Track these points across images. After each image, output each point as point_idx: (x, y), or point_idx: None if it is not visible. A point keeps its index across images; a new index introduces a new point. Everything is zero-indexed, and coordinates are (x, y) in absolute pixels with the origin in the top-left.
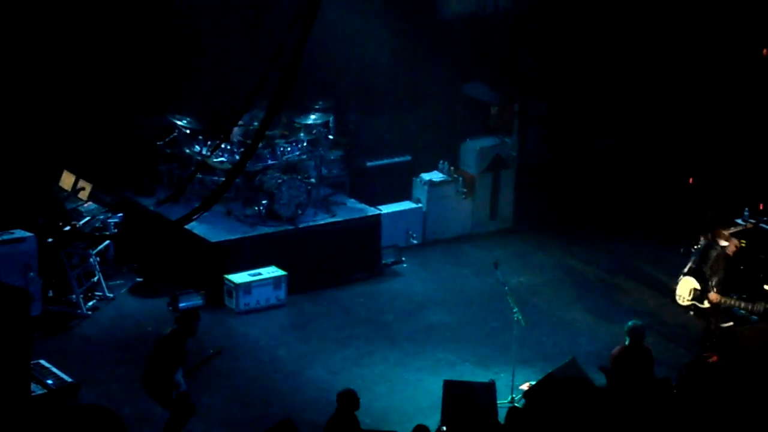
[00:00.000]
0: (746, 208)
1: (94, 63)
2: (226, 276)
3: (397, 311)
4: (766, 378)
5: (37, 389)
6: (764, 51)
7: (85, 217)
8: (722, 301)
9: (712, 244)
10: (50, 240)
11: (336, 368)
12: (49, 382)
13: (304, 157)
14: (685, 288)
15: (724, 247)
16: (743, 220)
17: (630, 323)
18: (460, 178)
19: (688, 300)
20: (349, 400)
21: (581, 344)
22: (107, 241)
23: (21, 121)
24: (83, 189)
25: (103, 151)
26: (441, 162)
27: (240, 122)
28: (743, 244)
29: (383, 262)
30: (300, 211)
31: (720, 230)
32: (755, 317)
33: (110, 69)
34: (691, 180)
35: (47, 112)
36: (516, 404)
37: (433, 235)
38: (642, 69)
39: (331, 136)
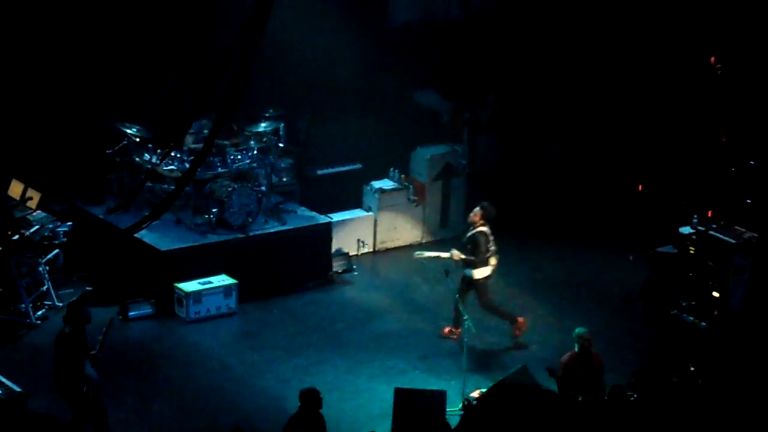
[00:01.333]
0: (695, 216)
1: (43, 70)
2: (177, 285)
3: (348, 319)
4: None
5: None
6: (712, 59)
7: (34, 225)
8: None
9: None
10: None
11: (287, 377)
12: None
13: (255, 165)
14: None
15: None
16: (692, 227)
17: (578, 330)
18: (411, 186)
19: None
20: (312, 398)
21: (532, 351)
22: (56, 250)
23: None
24: (31, 198)
25: (52, 160)
26: (391, 170)
27: (190, 130)
28: (692, 251)
29: (333, 270)
30: (250, 219)
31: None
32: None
33: (59, 76)
34: (640, 187)
35: None
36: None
37: (384, 243)
38: (592, 75)
39: (281, 144)
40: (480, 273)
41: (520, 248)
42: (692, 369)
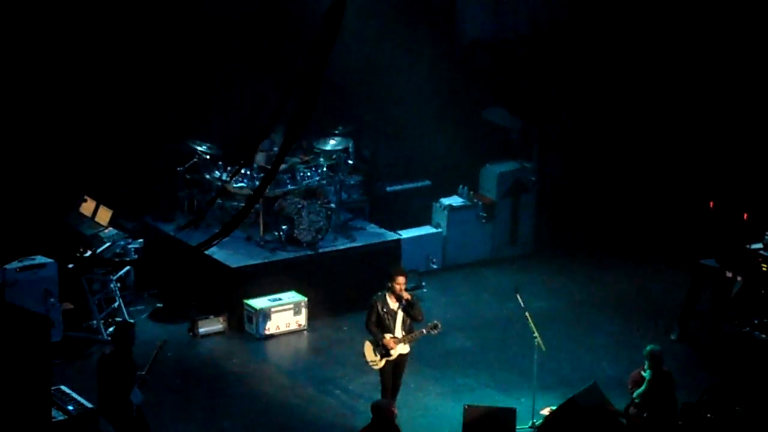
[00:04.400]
0: (767, 232)
1: (115, 90)
2: (246, 301)
3: None
4: None
5: (57, 415)
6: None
7: (105, 243)
8: (408, 339)
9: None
10: (71, 266)
11: (356, 393)
12: (70, 408)
13: (324, 182)
14: (369, 352)
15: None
16: (764, 244)
17: (648, 347)
18: (480, 203)
19: (380, 361)
20: (384, 410)
21: (602, 369)
22: (128, 267)
23: (42, 148)
24: (104, 215)
25: (123, 178)
26: (461, 186)
27: (260, 148)
28: (765, 268)
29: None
30: (320, 236)
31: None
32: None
33: (131, 96)
34: (711, 204)
35: (68, 138)
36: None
37: (453, 260)
38: (662, 89)
39: (350, 161)
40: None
41: (590, 265)
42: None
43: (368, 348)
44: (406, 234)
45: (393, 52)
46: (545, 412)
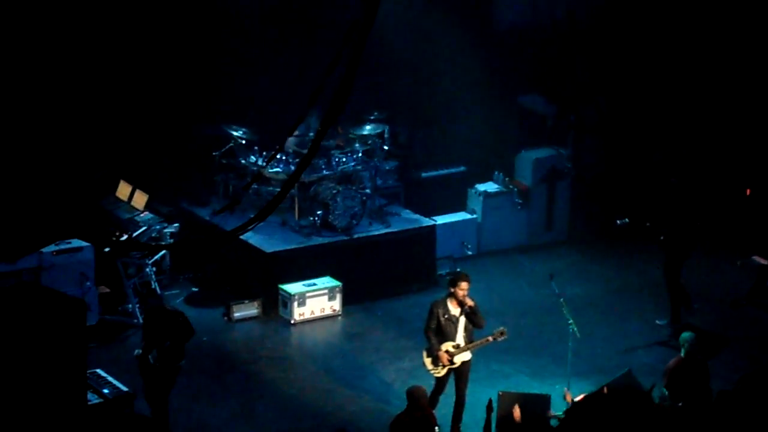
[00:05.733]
0: None
1: (151, 73)
2: (281, 286)
3: None
4: None
5: (93, 398)
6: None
7: (141, 227)
8: (471, 347)
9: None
10: (107, 250)
11: (391, 379)
12: (105, 391)
13: (359, 167)
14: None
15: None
16: None
17: (685, 334)
18: (516, 189)
19: (442, 370)
20: (419, 397)
21: (637, 356)
22: (163, 251)
23: (79, 132)
24: (140, 199)
25: (159, 162)
26: (496, 173)
27: (296, 133)
28: None
29: (438, 273)
30: (355, 222)
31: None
32: None
33: (166, 80)
34: (748, 192)
35: (106, 122)
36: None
37: (488, 247)
38: (700, 77)
39: (386, 147)
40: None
41: (625, 252)
42: None
43: (428, 356)
44: (441, 220)
45: (429, 38)
46: (579, 399)
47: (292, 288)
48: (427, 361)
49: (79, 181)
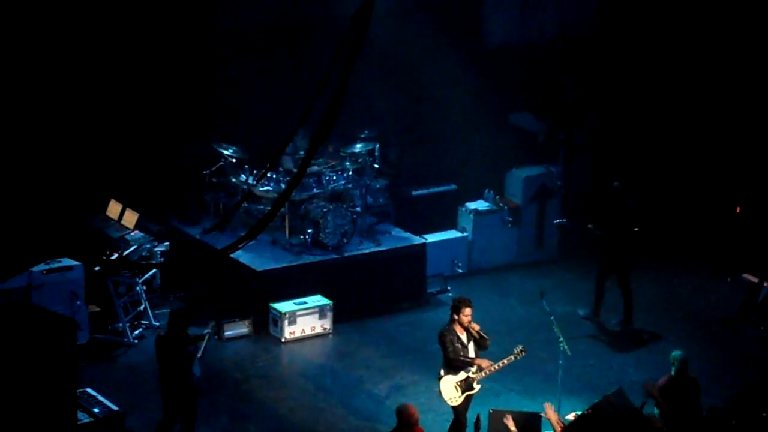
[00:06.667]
0: None
1: (141, 92)
2: (272, 304)
3: None
4: None
5: (83, 417)
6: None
7: (131, 245)
8: (491, 369)
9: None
10: (97, 269)
11: (382, 397)
12: (96, 410)
13: (350, 185)
14: (449, 388)
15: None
16: None
17: (675, 353)
18: (506, 207)
19: (460, 397)
20: (408, 415)
21: (628, 374)
22: (153, 270)
23: (68, 150)
24: (130, 218)
25: (149, 180)
26: (486, 191)
27: (286, 151)
28: None
29: (429, 291)
30: (345, 240)
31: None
32: None
33: (156, 98)
34: (738, 209)
35: (95, 141)
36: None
37: (479, 264)
38: (689, 94)
39: (376, 165)
40: None
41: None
42: None
43: (447, 384)
44: (431, 238)
45: (420, 56)
46: (571, 417)
47: (283, 306)
48: (446, 388)
49: (69, 199)
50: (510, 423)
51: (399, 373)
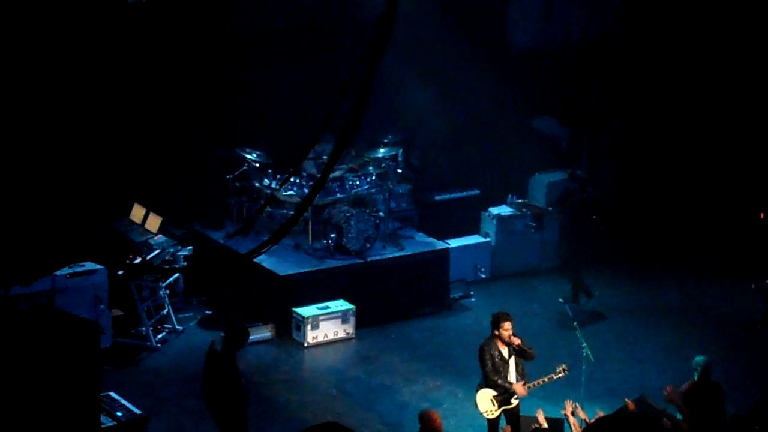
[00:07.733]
0: None
1: (165, 97)
2: (295, 309)
3: (465, 345)
4: None
5: (106, 421)
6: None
7: (155, 250)
8: (531, 386)
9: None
10: (121, 273)
11: (404, 402)
12: (119, 414)
13: (373, 190)
14: (485, 401)
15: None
16: None
17: (698, 358)
18: (529, 212)
19: (496, 411)
20: (431, 420)
21: (651, 380)
22: (177, 274)
23: (93, 155)
24: (154, 222)
25: (173, 185)
26: (510, 196)
27: (309, 156)
28: None
29: (451, 296)
30: (368, 245)
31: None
32: None
33: (180, 103)
34: (762, 215)
35: (119, 145)
36: None
37: (501, 270)
38: (713, 99)
39: (399, 170)
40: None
41: (640, 275)
42: None
43: (483, 397)
44: (454, 243)
45: (443, 61)
46: (593, 420)
47: (306, 311)
48: (483, 401)
49: (93, 204)
50: (540, 416)
51: (421, 378)
